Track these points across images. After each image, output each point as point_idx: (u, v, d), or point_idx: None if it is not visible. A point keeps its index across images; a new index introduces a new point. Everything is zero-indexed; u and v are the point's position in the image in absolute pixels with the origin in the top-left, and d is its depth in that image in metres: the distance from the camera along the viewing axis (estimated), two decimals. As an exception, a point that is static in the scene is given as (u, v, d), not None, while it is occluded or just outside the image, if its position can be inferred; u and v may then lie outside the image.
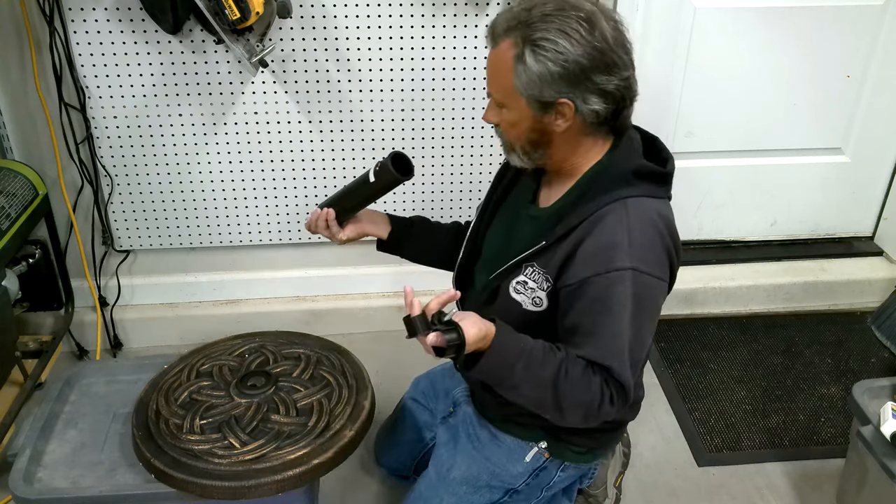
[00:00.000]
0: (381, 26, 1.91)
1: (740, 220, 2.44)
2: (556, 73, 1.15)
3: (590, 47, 1.14)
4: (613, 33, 1.16)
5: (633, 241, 1.17)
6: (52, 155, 1.98)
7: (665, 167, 1.26)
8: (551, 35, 1.13)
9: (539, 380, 1.19)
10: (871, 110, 2.30)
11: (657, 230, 1.21)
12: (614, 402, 1.21)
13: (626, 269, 1.16)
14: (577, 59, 1.14)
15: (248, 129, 2.01)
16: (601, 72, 1.15)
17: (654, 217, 1.21)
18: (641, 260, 1.17)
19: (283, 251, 2.24)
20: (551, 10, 1.15)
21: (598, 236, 1.19)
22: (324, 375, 1.52)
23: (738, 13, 2.11)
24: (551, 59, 1.14)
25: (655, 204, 1.23)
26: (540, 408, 1.24)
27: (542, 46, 1.14)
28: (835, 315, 2.42)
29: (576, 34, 1.13)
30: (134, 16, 1.83)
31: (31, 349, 2.01)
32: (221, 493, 1.30)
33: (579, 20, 1.14)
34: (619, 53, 1.16)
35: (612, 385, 1.20)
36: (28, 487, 1.36)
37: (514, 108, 1.22)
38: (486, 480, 1.45)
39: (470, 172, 2.15)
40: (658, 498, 1.79)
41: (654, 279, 1.19)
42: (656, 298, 1.22)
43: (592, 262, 1.18)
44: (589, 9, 1.15)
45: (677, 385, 2.13)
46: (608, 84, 1.16)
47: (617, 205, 1.20)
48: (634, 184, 1.22)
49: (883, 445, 1.48)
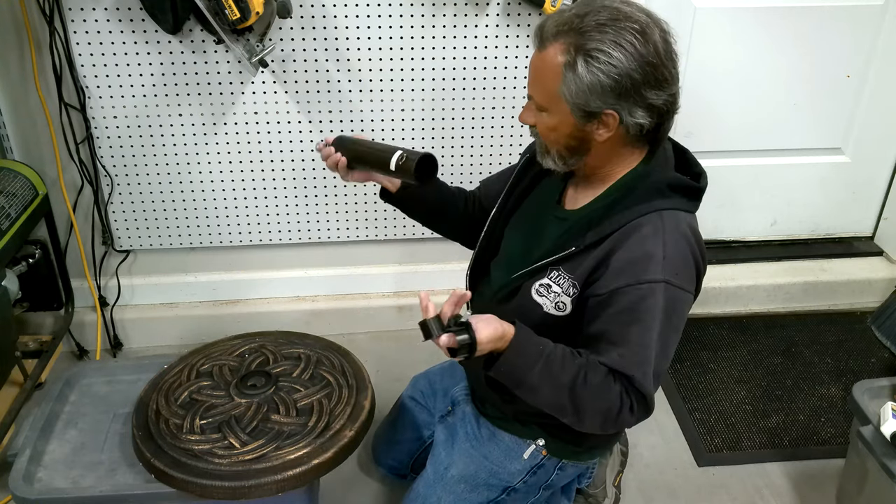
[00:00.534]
0: (381, 26, 1.91)
1: (740, 220, 2.44)
2: (607, 85, 1.13)
3: (643, 61, 1.12)
4: (664, 46, 1.15)
5: (668, 253, 1.17)
6: (52, 155, 1.98)
7: (699, 182, 1.26)
8: (606, 46, 1.12)
9: (558, 383, 1.17)
10: (871, 110, 2.30)
11: (689, 244, 1.21)
12: (634, 412, 1.19)
13: (660, 282, 1.16)
14: (629, 73, 1.12)
15: (248, 129, 2.01)
16: (651, 87, 1.14)
17: (686, 230, 1.21)
18: (674, 273, 1.17)
19: (283, 251, 2.24)
20: (606, 20, 1.13)
21: (632, 246, 1.18)
22: (324, 375, 1.52)
23: (737, 13, 2.11)
24: (604, 70, 1.12)
25: (687, 217, 1.23)
26: (559, 412, 1.22)
27: (596, 57, 1.12)
28: (835, 315, 2.42)
29: (630, 47, 1.12)
30: (134, 16, 1.83)
31: (31, 349, 2.01)
32: (221, 493, 1.30)
33: (634, 32, 1.12)
34: (669, 68, 1.16)
35: (633, 394, 1.18)
36: (28, 487, 1.36)
37: (555, 113, 1.20)
38: (484, 479, 1.45)
39: (470, 172, 2.15)
40: (658, 498, 1.79)
41: (684, 292, 1.19)
42: (684, 312, 1.22)
43: (626, 272, 1.17)
44: (643, 20, 1.14)
45: (677, 385, 2.13)
46: (657, 99, 1.16)
47: (653, 216, 1.19)
48: (669, 196, 1.22)
49: (883, 445, 1.48)
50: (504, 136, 2.09)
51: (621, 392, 1.18)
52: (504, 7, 1.92)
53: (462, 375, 1.61)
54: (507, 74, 2.01)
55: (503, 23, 1.94)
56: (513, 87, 2.02)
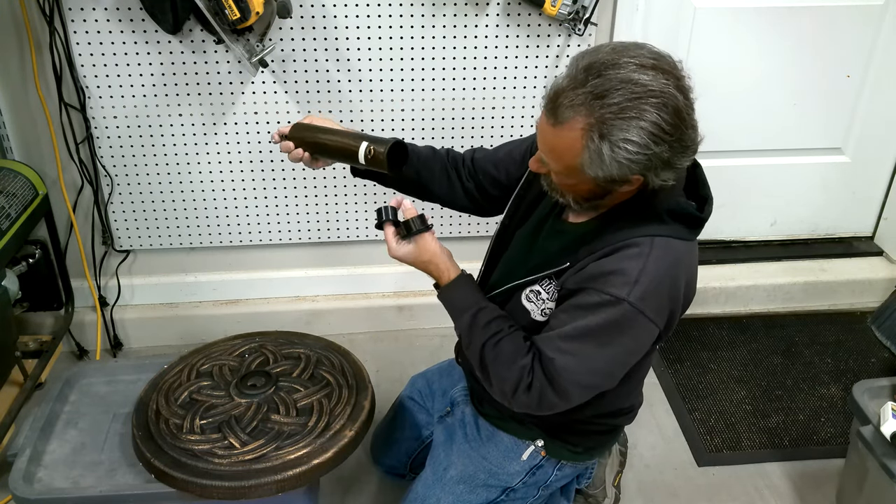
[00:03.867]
0: (381, 26, 1.91)
1: (740, 220, 2.44)
2: (635, 168, 1.10)
3: (671, 138, 1.08)
4: (685, 101, 1.09)
5: (642, 278, 1.15)
6: (52, 155, 1.98)
7: (702, 212, 1.23)
8: (632, 135, 1.06)
9: (475, 339, 1.26)
10: (871, 110, 2.30)
11: (671, 276, 1.18)
12: (530, 391, 1.20)
13: (621, 300, 1.14)
14: (658, 154, 1.09)
15: (248, 129, 2.01)
16: (680, 154, 1.11)
17: (674, 262, 1.19)
18: (640, 298, 1.15)
19: (283, 251, 2.24)
20: (626, 102, 1.05)
21: (612, 260, 1.17)
22: (324, 375, 1.52)
23: (738, 13, 2.11)
24: (633, 159, 1.08)
25: (681, 246, 1.20)
26: (477, 369, 1.29)
27: (624, 147, 1.07)
28: (835, 315, 2.42)
29: (657, 129, 1.06)
30: (134, 16, 1.83)
31: (31, 349, 2.01)
32: (221, 493, 1.30)
33: (657, 109, 1.06)
34: (693, 123, 1.11)
35: (537, 374, 1.19)
36: (28, 487, 1.37)
37: (574, 178, 1.17)
38: (483, 479, 1.45)
39: (470, 172, 2.15)
40: (658, 498, 1.79)
41: (645, 319, 1.17)
42: (639, 337, 1.20)
43: (596, 279, 1.17)
44: (663, 89, 1.06)
45: (677, 385, 2.13)
46: (685, 162, 1.14)
47: (645, 240, 1.17)
48: (667, 223, 1.19)
49: (883, 445, 1.48)
50: (504, 136, 2.09)
51: (526, 367, 1.20)
52: (504, 7, 1.92)
53: (461, 376, 1.61)
54: (507, 74, 2.01)
55: (503, 23, 1.94)
56: (513, 87, 2.02)
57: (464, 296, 1.32)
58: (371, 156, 1.30)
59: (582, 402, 1.24)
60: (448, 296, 1.33)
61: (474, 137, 2.09)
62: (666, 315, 1.20)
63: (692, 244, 1.24)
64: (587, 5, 1.85)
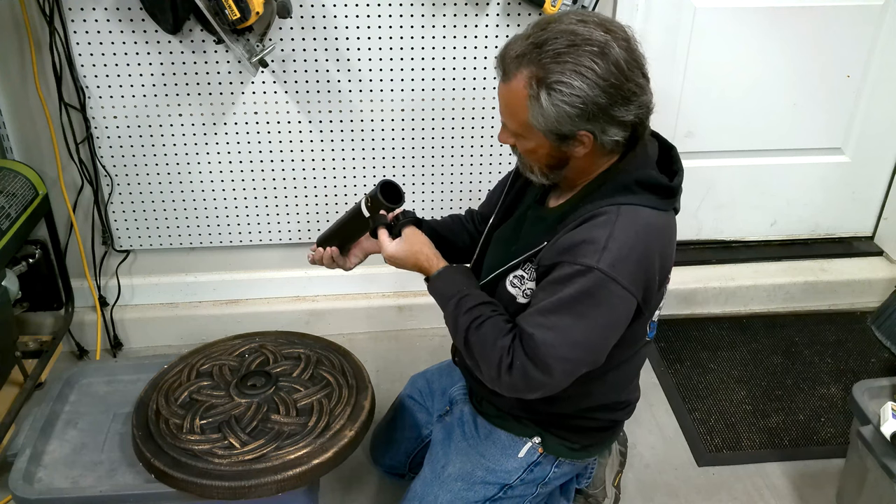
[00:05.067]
0: (381, 26, 1.91)
1: (740, 220, 2.44)
2: (573, 114, 1.14)
3: (606, 84, 1.12)
4: (628, 59, 1.14)
5: (610, 244, 1.16)
6: (52, 155, 1.98)
7: (672, 180, 1.26)
8: (566, 77, 1.12)
9: (460, 322, 1.27)
10: (871, 110, 2.30)
11: (642, 240, 1.19)
12: (511, 370, 1.20)
13: (592, 269, 1.16)
14: (594, 100, 1.13)
15: (248, 129, 2.01)
16: (620, 104, 1.15)
17: (643, 229, 1.20)
18: (610, 265, 1.16)
19: (283, 251, 2.24)
20: (564, 48, 1.12)
21: (581, 231, 1.20)
22: (324, 375, 1.52)
23: (738, 13, 2.11)
24: (568, 101, 1.13)
25: (652, 215, 1.22)
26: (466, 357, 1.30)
27: (558, 90, 1.12)
28: (835, 315, 2.42)
29: (591, 73, 1.11)
30: (134, 16, 1.83)
31: (31, 349, 2.01)
32: (221, 493, 1.30)
33: (592, 56, 1.11)
34: (636, 79, 1.15)
35: (518, 353, 1.20)
36: (28, 487, 1.37)
37: (530, 139, 1.22)
38: (481, 476, 1.45)
39: (470, 172, 2.15)
40: (658, 498, 1.79)
41: (619, 286, 1.17)
42: (615, 306, 1.20)
43: (567, 251, 1.20)
44: (601, 39, 1.12)
45: (677, 385, 2.13)
46: (627, 115, 1.16)
47: (611, 209, 1.20)
48: (636, 192, 1.22)
49: (883, 445, 1.48)
50: (504, 136, 2.09)
51: (506, 347, 1.21)
52: (504, 7, 1.92)
53: (460, 375, 1.61)
54: (507, 74, 2.01)
55: (503, 23, 1.94)
56: (513, 87, 2.02)
57: (449, 284, 1.33)
58: (370, 204, 1.38)
59: (567, 380, 1.22)
60: (435, 285, 1.35)
61: (474, 137, 2.09)
62: (641, 284, 1.20)
63: (666, 215, 1.26)
64: (587, 5, 1.85)
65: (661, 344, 2.28)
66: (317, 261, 1.53)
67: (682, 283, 2.34)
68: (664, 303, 1.37)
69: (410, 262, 1.38)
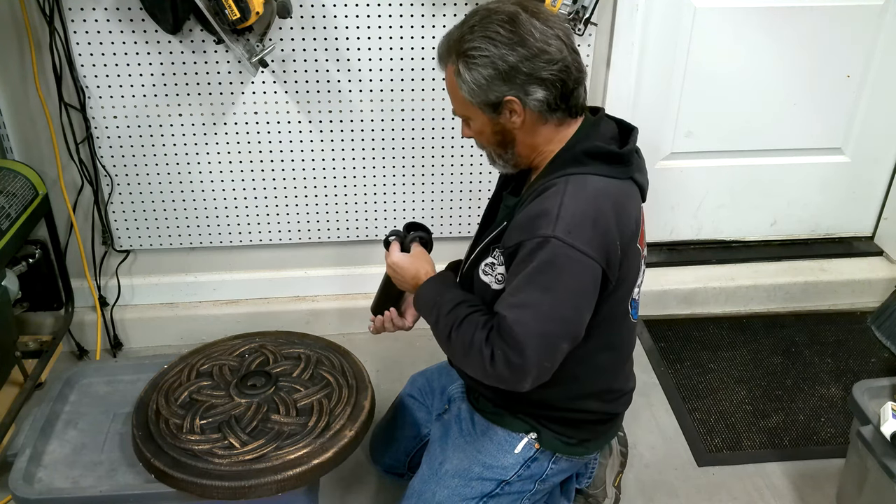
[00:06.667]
0: (381, 26, 1.91)
1: (740, 220, 2.44)
2: (489, 76, 1.21)
3: (513, 43, 1.20)
4: (539, 24, 1.21)
5: (563, 212, 1.20)
6: (52, 155, 1.98)
7: (621, 149, 1.29)
8: (476, 43, 1.21)
9: (443, 331, 1.30)
10: (871, 110, 2.30)
11: (594, 206, 1.22)
12: (495, 360, 1.21)
13: (549, 238, 1.18)
14: (503, 57, 1.20)
15: (248, 129, 2.01)
16: (530, 61, 1.20)
17: (594, 195, 1.23)
18: (565, 231, 1.18)
19: (283, 251, 2.24)
20: (476, 22, 1.23)
21: (534, 205, 1.24)
22: (324, 375, 1.52)
23: (738, 13, 2.11)
24: (480, 64, 1.21)
25: (601, 181, 1.25)
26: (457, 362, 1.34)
27: (471, 56, 1.22)
28: (835, 315, 2.42)
29: (497, 36, 1.20)
30: (134, 16, 1.83)
31: (31, 349, 2.01)
32: (221, 493, 1.30)
33: (500, 22, 1.21)
34: (547, 40, 1.21)
35: (499, 342, 1.20)
36: (28, 487, 1.36)
37: (475, 118, 1.29)
38: (478, 473, 1.45)
39: (470, 172, 2.15)
40: (658, 498, 1.79)
41: (576, 251, 1.19)
42: (578, 273, 1.20)
43: (524, 227, 1.23)
44: (510, 10, 1.22)
45: (677, 385, 2.13)
46: (542, 72, 1.21)
47: (560, 180, 1.24)
48: (586, 163, 1.26)
49: (883, 445, 1.48)
50: (504, 136, 2.09)
51: (483, 340, 1.22)
52: (504, 7, 1.92)
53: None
54: (507, 74, 2.01)
55: (503, 23, 1.94)
56: (513, 87, 2.02)
57: (426, 293, 1.37)
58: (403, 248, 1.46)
59: (548, 358, 1.21)
60: (416, 300, 1.40)
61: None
62: (601, 249, 1.21)
63: (620, 182, 1.28)
64: (587, 5, 1.85)
65: (661, 344, 2.28)
66: (379, 328, 1.57)
67: (682, 283, 2.34)
68: (643, 279, 1.40)
69: (410, 272, 1.41)
